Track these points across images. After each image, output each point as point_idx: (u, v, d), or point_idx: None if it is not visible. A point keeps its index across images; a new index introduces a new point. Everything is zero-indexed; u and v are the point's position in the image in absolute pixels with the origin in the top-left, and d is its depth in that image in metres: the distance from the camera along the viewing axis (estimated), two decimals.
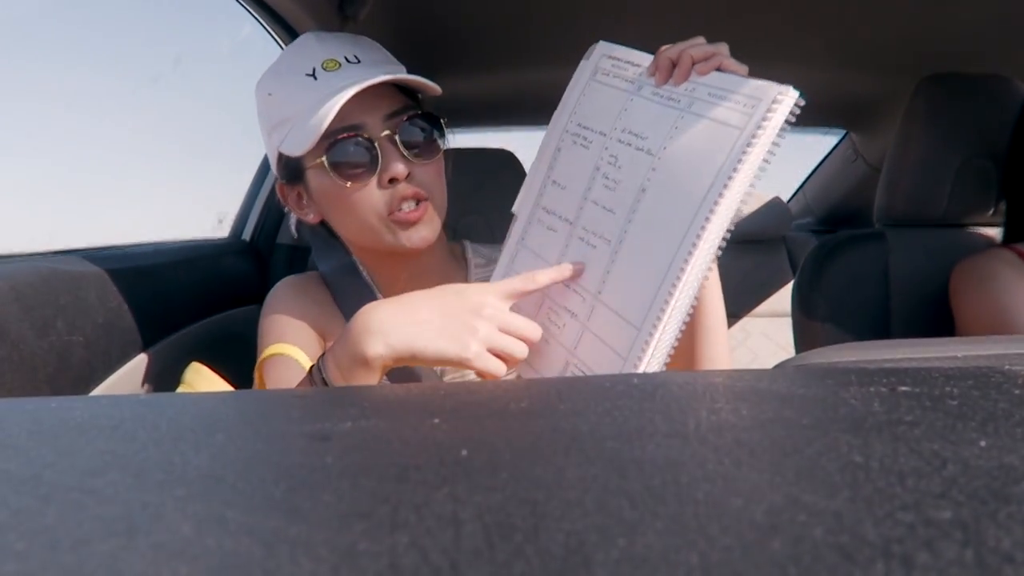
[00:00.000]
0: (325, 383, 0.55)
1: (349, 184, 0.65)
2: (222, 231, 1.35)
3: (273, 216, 1.35)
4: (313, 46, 0.69)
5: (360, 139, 0.65)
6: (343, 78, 0.65)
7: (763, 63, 1.20)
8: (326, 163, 0.65)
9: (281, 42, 1.14)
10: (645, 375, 0.43)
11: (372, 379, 0.52)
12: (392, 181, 0.66)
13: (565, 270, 0.55)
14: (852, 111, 1.57)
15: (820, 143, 1.93)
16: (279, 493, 0.18)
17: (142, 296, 0.91)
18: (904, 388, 0.28)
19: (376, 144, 0.65)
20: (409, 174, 0.66)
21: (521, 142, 2.29)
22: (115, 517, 0.17)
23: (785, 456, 0.20)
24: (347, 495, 0.18)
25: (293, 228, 0.85)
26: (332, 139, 0.64)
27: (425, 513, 0.16)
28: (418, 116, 0.68)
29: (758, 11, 1.05)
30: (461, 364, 0.50)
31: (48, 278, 0.76)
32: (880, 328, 1.01)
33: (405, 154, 0.66)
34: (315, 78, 0.66)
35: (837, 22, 1.09)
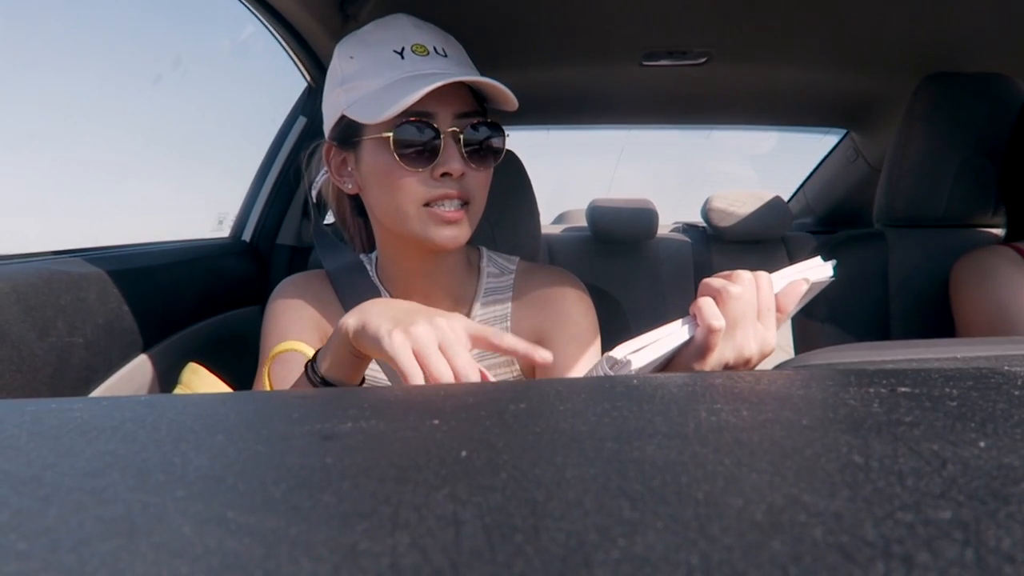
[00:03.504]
0: (315, 365, 0.56)
1: (406, 165, 0.66)
2: (222, 232, 1.35)
3: (273, 217, 1.35)
4: (406, 28, 0.70)
5: (429, 127, 0.66)
6: (429, 65, 0.67)
7: (764, 63, 1.20)
8: (392, 138, 0.66)
9: (283, 41, 1.14)
10: (645, 376, 0.43)
11: (343, 352, 0.53)
12: (444, 176, 0.67)
13: (540, 354, 0.50)
14: (852, 111, 1.57)
15: (820, 143, 1.94)
16: (279, 493, 0.18)
17: (142, 297, 0.91)
18: (904, 389, 0.28)
19: (441, 136, 0.66)
20: (462, 174, 0.67)
21: (522, 141, 2.29)
22: (116, 517, 0.17)
23: (785, 456, 0.20)
24: (347, 495, 0.18)
25: (313, 194, 0.84)
26: (403, 118, 0.65)
27: (425, 513, 0.16)
28: (485, 123, 0.69)
29: (759, 11, 1.05)
30: (379, 346, 0.48)
31: (49, 279, 0.77)
32: (879, 328, 1.01)
33: (464, 154, 0.67)
34: (402, 57, 0.67)
35: (837, 22, 1.09)
